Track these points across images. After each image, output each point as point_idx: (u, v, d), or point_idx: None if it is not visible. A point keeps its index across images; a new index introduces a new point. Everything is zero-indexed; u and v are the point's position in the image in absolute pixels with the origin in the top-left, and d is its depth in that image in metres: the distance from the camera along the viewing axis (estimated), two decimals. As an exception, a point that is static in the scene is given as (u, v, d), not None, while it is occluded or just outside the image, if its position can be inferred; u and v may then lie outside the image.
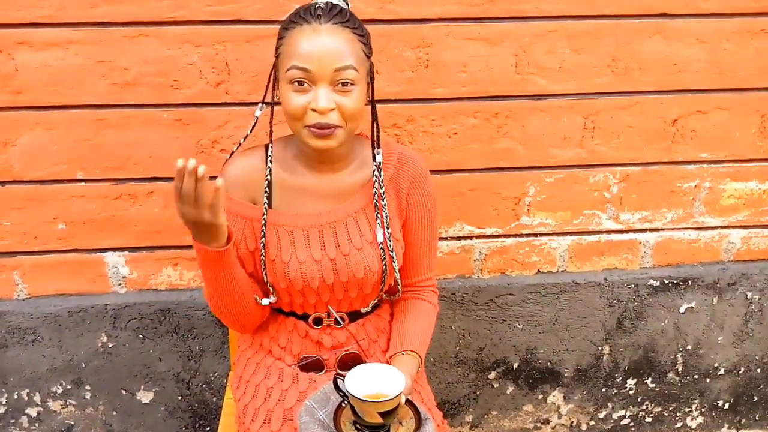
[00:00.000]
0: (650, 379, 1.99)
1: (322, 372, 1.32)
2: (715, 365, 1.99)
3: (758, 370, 2.02)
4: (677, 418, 2.06)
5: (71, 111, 1.56)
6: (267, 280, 1.26)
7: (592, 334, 1.91)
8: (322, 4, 1.16)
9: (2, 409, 1.79)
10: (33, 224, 1.65)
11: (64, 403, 1.81)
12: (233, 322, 1.30)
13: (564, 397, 1.98)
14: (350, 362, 1.29)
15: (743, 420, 2.09)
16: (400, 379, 1.12)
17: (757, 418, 2.09)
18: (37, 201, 1.63)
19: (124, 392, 1.81)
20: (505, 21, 1.59)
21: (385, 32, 1.56)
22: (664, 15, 1.63)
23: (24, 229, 1.65)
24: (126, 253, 1.70)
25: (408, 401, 1.17)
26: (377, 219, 1.27)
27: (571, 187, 1.77)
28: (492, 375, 1.93)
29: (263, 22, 1.53)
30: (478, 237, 1.80)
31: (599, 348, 1.93)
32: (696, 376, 2.00)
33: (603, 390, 1.99)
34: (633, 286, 1.87)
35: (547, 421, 2.01)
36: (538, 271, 1.86)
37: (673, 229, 1.86)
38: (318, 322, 1.31)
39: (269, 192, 1.25)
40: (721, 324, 1.95)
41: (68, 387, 1.79)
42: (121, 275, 1.72)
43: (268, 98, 1.25)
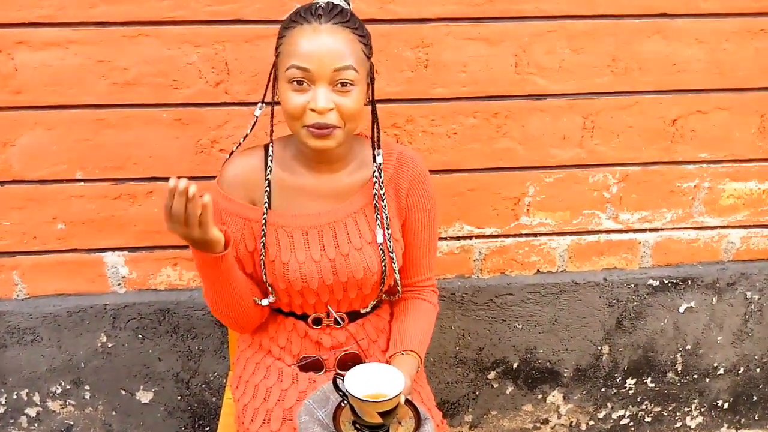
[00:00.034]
0: (650, 379, 1.99)
1: (322, 372, 1.32)
2: (715, 365, 1.99)
3: (758, 370, 2.02)
4: (677, 418, 2.06)
5: (71, 111, 1.56)
6: (266, 281, 1.26)
7: (591, 334, 1.91)
8: (323, 4, 1.16)
9: (1, 409, 1.79)
10: (32, 224, 1.65)
11: (64, 403, 1.81)
12: (232, 322, 1.31)
13: (563, 397, 1.98)
14: (350, 362, 1.28)
15: (742, 420, 2.09)
16: (400, 378, 1.12)
17: (757, 418, 2.09)
18: (36, 201, 1.63)
19: (123, 392, 1.81)
20: (505, 21, 1.59)
21: (385, 32, 1.56)
22: (664, 15, 1.63)
23: (23, 229, 1.65)
24: (125, 253, 1.70)
25: (407, 401, 1.17)
26: (377, 220, 1.26)
27: (571, 187, 1.77)
28: (491, 375, 1.93)
29: (263, 21, 1.53)
30: (478, 237, 1.80)
31: (599, 348, 1.93)
32: (695, 376, 2.00)
33: (602, 390, 1.99)
34: (632, 285, 1.87)
35: (546, 421, 2.01)
36: (538, 271, 1.86)
37: (672, 229, 1.86)
38: (317, 322, 1.31)
39: (269, 192, 1.25)
40: (720, 324, 1.95)
41: (67, 387, 1.79)
42: (120, 275, 1.72)
43: (268, 98, 1.25)
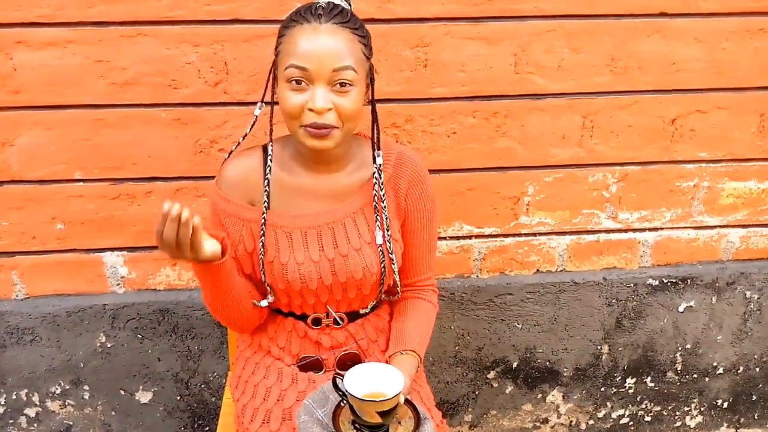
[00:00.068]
0: (649, 379, 1.99)
1: (321, 372, 1.32)
2: (714, 364, 1.99)
3: (757, 369, 2.02)
4: (676, 417, 2.06)
5: (69, 111, 1.56)
6: (265, 281, 1.26)
7: (591, 334, 1.91)
8: (324, 4, 1.15)
9: (1, 410, 1.79)
10: (31, 224, 1.64)
11: (63, 404, 1.80)
12: (232, 324, 1.31)
13: (563, 397, 1.98)
14: (349, 362, 1.28)
15: (742, 419, 2.09)
16: (399, 378, 1.12)
17: (756, 417, 2.09)
18: (35, 201, 1.62)
19: (122, 392, 1.81)
20: (504, 20, 1.59)
21: (384, 32, 1.56)
22: (663, 14, 1.63)
23: (22, 229, 1.65)
24: (124, 253, 1.70)
25: (407, 401, 1.17)
26: (377, 221, 1.26)
27: (570, 187, 1.77)
28: (491, 374, 1.93)
29: (261, 21, 1.53)
30: (477, 236, 1.80)
31: (598, 347, 1.93)
32: (695, 376, 2.00)
33: (602, 389, 1.99)
34: (632, 285, 1.87)
35: (546, 421, 2.01)
36: (537, 270, 1.86)
37: (672, 228, 1.85)
38: (317, 322, 1.31)
39: (268, 193, 1.25)
40: (720, 323, 1.95)
41: (67, 387, 1.79)
42: (119, 275, 1.72)
43: (268, 97, 1.24)
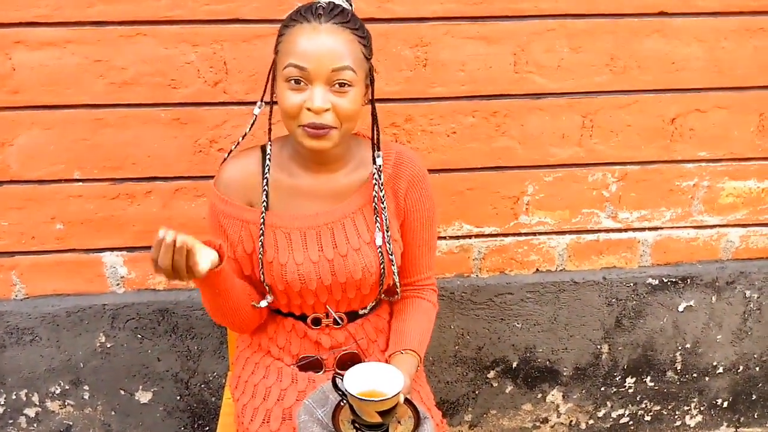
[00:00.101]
0: (649, 378, 1.99)
1: (321, 371, 1.32)
2: (714, 364, 1.99)
3: (757, 369, 2.02)
4: (676, 417, 2.06)
5: (68, 111, 1.56)
6: (264, 282, 1.26)
7: (591, 333, 1.91)
8: (324, 4, 1.15)
9: (0, 410, 1.79)
10: (31, 224, 1.64)
11: (63, 404, 1.80)
12: (232, 325, 1.32)
13: (563, 396, 1.98)
14: (349, 362, 1.28)
15: (742, 418, 2.09)
16: (399, 378, 1.12)
17: (756, 417, 2.09)
18: (34, 201, 1.62)
19: (122, 392, 1.81)
20: (504, 20, 1.59)
21: (384, 31, 1.56)
22: (663, 14, 1.63)
23: (22, 229, 1.65)
24: (124, 252, 1.70)
25: (407, 400, 1.17)
26: (376, 222, 1.26)
27: (570, 186, 1.77)
28: (491, 374, 1.93)
29: (261, 21, 1.53)
30: (477, 236, 1.79)
31: (598, 347, 1.93)
32: (695, 375, 2.00)
33: (602, 389, 1.99)
34: (632, 284, 1.87)
35: (546, 420, 2.01)
36: (537, 270, 1.86)
37: (671, 227, 1.85)
38: (317, 322, 1.31)
39: (267, 194, 1.24)
40: (719, 323, 1.95)
41: (66, 387, 1.78)
42: (119, 275, 1.72)
43: (267, 96, 1.24)
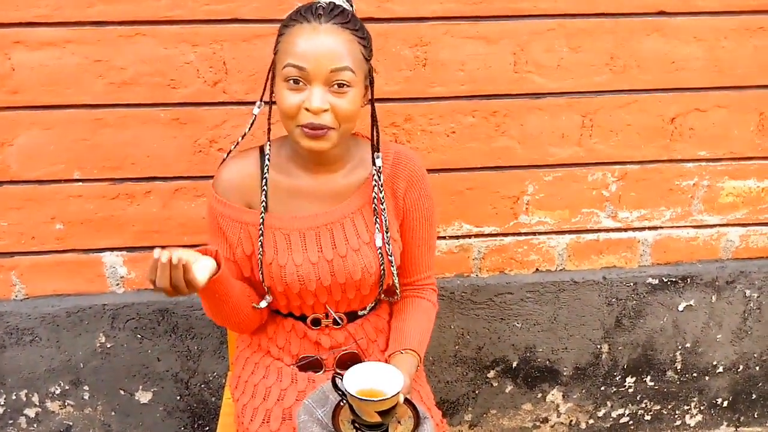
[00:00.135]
0: (649, 378, 1.99)
1: (321, 371, 1.32)
2: (714, 363, 1.99)
3: (757, 368, 2.02)
4: (676, 416, 2.06)
5: (68, 111, 1.56)
6: (264, 284, 1.26)
7: (590, 333, 1.91)
8: (324, 4, 1.15)
9: (0, 410, 1.79)
10: (30, 224, 1.64)
11: (63, 404, 1.80)
12: (232, 327, 1.32)
13: (563, 396, 1.98)
14: (349, 362, 1.28)
15: (742, 418, 2.09)
16: (399, 377, 1.12)
17: (756, 416, 2.09)
18: (34, 201, 1.62)
19: (122, 392, 1.81)
20: (503, 19, 1.59)
21: (383, 31, 1.56)
22: (663, 13, 1.63)
23: (21, 230, 1.65)
24: (124, 253, 1.70)
25: (406, 400, 1.17)
26: (376, 223, 1.26)
27: (570, 186, 1.77)
28: (491, 374, 1.93)
29: (260, 20, 1.53)
30: (477, 236, 1.79)
31: (598, 346, 1.93)
32: (695, 374, 2.00)
33: (602, 388, 1.99)
34: (632, 284, 1.87)
35: (546, 420, 2.01)
36: (537, 269, 1.86)
37: (671, 227, 1.85)
38: (316, 322, 1.31)
39: (266, 196, 1.24)
40: (719, 322, 1.95)
41: (66, 387, 1.78)
42: (119, 275, 1.72)
43: (267, 96, 1.24)
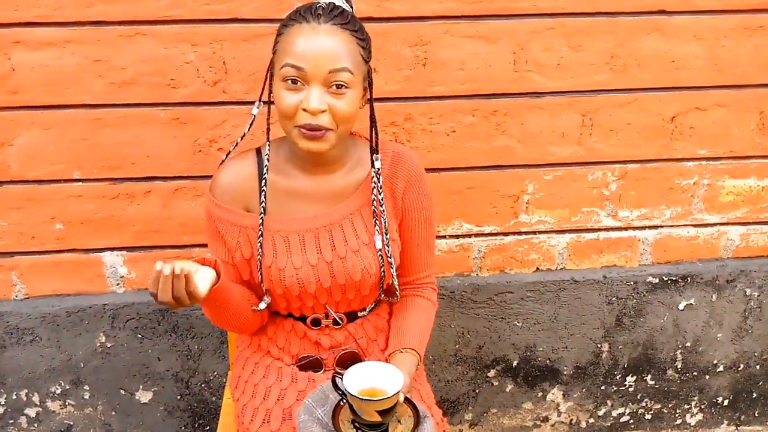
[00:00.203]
0: (649, 377, 1.99)
1: (321, 371, 1.32)
2: (715, 362, 1.99)
3: (757, 367, 2.02)
4: (677, 415, 2.06)
5: (68, 110, 1.56)
6: (263, 287, 1.26)
7: (591, 332, 1.91)
8: (324, 4, 1.14)
9: (1, 410, 1.79)
10: (30, 224, 1.64)
11: (63, 404, 1.80)
12: (233, 330, 1.33)
13: (563, 395, 1.98)
14: (349, 361, 1.28)
15: (742, 417, 2.09)
16: (399, 377, 1.12)
17: (756, 415, 2.09)
18: (34, 201, 1.62)
19: (122, 392, 1.81)
20: (503, 18, 1.59)
21: (383, 30, 1.56)
22: (662, 12, 1.63)
23: (21, 229, 1.65)
24: (124, 252, 1.70)
25: (407, 399, 1.17)
26: (375, 224, 1.25)
27: (570, 185, 1.77)
28: (491, 373, 1.93)
29: (260, 20, 1.52)
30: (477, 235, 1.79)
31: (598, 345, 1.93)
32: (695, 373, 2.00)
33: (602, 387, 1.99)
34: (632, 283, 1.87)
35: (546, 419, 2.01)
36: (537, 269, 1.86)
37: (671, 226, 1.85)
38: (316, 323, 1.31)
39: (265, 197, 1.23)
40: (720, 321, 1.95)
41: (67, 387, 1.79)
42: (119, 275, 1.72)
43: (265, 96, 1.24)
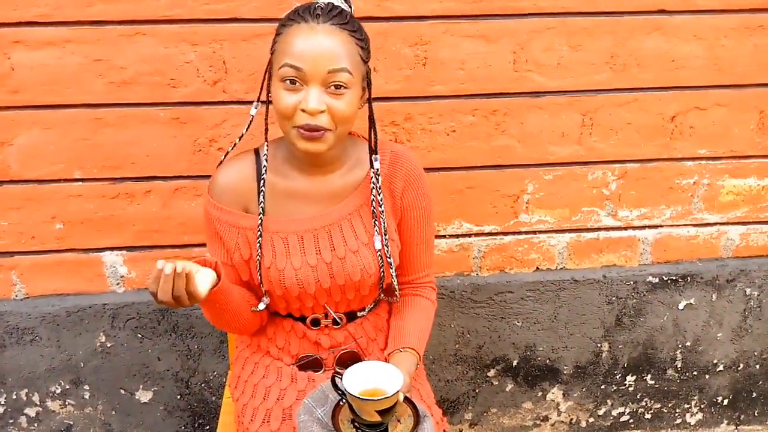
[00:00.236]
0: (649, 376, 1.99)
1: (321, 371, 1.32)
2: (714, 362, 1.99)
3: (757, 366, 2.02)
4: (676, 415, 2.06)
5: (68, 110, 1.56)
6: (263, 287, 1.25)
7: (591, 332, 1.91)
8: (323, 4, 1.14)
9: (1, 410, 1.79)
10: (30, 224, 1.64)
11: (63, 403, 1.80)
12: (233, 331, 1.33)
13: (563, 395, 1.98)
14: (349, 361, 1.29)
15: (742, 416, 2.09)
16: (398, 376, 1.12)
17: (756, 414, 2.09)
18: (34, 201, 1.62)
19: (122, 392, 1.81)
20: (503, 18, 1.59)
21: (383, 30, 1.56)
22: (663, 11, 1.63)
23: (21, 229, 1.65)
24: (124, 252, 1.70)
25: (406, 399, 1.17)
26: (375, 225, 1.25)
27: (570, 185, 1.77)
28: (491, 372, 1.93)
29: (260, 20, 1.52)
30: (477, 235, 1.79)
31: (598, 345, 1.93)
32: (695, 373, 2.00)
33: (602, 387, 1.99)
34: (632, 283, 1.87)
35: (546, 419, 2.01)
36: (537, 268, 1.86)
37: (671, 225, 1.85)
38: (316, 323, 1.31)
39: (263, 198, 1.23)
40: (720, 320, 1.95)
41: (67, 387, 1.79)
42: (119, 274, 1.72)
43: (263, 96, 1.24)
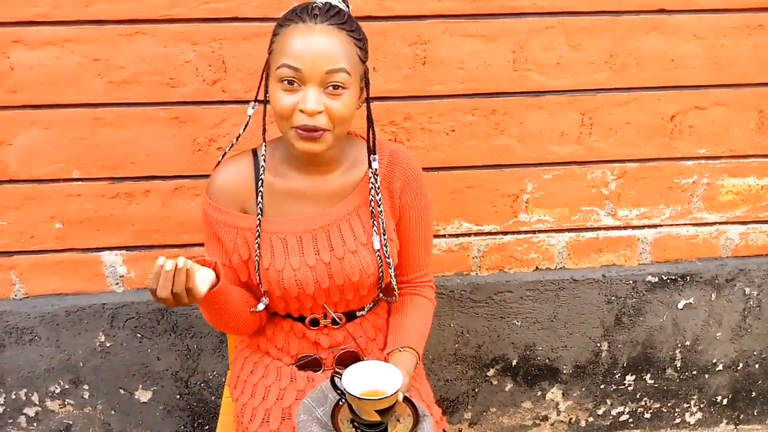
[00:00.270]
0: (649, 376, 1.99)
1: (320, 370, 1.32)
2: (714, 361, 1.99)
3: (756, 366, 2.02)
4: (676, 414, 2.06)
5: (67, 110, 1.56)
6: (261, 288, 1.25)
7: (590, 331, 1.91)
8: (320, 4, 1.14)
9: (0, 409, 1.79)
10: (30, 224, 1.64)
11: (63, 403, 1.80)
12: (232, 331, 1.33)
13: (563, 394, 1.98)
14: (348, 360, 1.29)
15: (741, 416, 2.09)
16: (398, 376, 1.12)
17: (756, 414, 2.09)
18: (33, 200, 1.62)
19: (122, 391, 1.81)
20: (502, 17, 1.59)
21: (382, 29, 1.56)
22: (662, 11, 1.63)
23: (21, 229, 1.65)
24: (123, 252, 1.70)
25: (406, 398, 1.17)
26: (373, 225, 1.25)
27: (569, 184, 1.77)
28: (491, 372, 1.93)
29: (260, 19, 1.52)
30: (476, 234, 1.79)
31: (598, 344, 1.93)
32: (694, 372, 2.00)
33: (602, 386, 1.99)
34: (631, 282, 1.87)
35: (546, 418, 2.01)
36: (537, 268, 1.86)
37: (671, 225, 1.85)
38: (315, 323, 1.31)
39: (261, 198, 1.23)
40: (719, 320, 1.95)
41: (66, 386, 1.79)
42: (118, 274, 1.72)
43: (261, 96, 1.23)
